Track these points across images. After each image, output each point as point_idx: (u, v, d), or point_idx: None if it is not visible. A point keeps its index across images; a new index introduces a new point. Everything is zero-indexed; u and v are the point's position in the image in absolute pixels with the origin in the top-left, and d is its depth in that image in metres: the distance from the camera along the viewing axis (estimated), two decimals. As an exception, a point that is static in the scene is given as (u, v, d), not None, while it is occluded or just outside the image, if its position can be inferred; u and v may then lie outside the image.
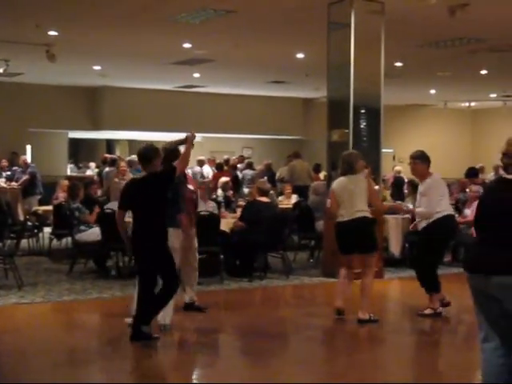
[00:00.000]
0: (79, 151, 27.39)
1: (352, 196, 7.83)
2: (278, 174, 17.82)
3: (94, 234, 10.44)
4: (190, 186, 7.93)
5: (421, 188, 8.15)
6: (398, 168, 18.40)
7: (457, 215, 12.25)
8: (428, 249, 8.11)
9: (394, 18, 11.22)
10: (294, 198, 14.61)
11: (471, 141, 28.20)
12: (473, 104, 25.95)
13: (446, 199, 8.22)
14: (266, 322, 7.91)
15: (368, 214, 7.87)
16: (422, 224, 8.06)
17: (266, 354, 6.71)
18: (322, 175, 17.00)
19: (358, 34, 10.68)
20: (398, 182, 16.89)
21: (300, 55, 15.80)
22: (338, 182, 8.05)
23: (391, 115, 23.40)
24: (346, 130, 10.78)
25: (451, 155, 25.78)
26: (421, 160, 8.20)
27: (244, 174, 18.74)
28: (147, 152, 6.99)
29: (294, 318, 8.33)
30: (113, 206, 11.17)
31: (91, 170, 21.82)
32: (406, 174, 17.35)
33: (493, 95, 23.69)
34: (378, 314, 8.20)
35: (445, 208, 8.11)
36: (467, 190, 13.06)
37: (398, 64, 16.42)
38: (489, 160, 21.72)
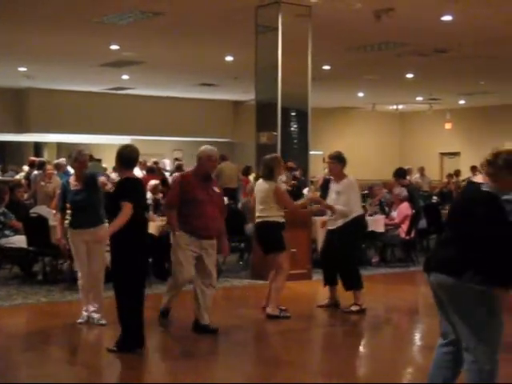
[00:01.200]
0: (5, 154, 26.80)
1: (260, 200, 8.15)
2: (207, 177, 17.75)
3: (21, 241, 10.19)
4: (216, 189, 7.54)
5: (339, 187, 8.43)
6: (327, 170, 18.51)
7: (383, 216, 12.51)
8: (348, 246, 8.41)
9: (321, 22, 11.34)
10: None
11: (399, 143, 28.68)
12: (400, 107, 26.42)
13: (359, 200, 8.85)
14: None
15: (269, 219, 8.08)
16: (338, 223, 8.35)
17: (195, 356, 6.69)
18: (251, 177, 17.03)
19: (285, 37, 10.76)
20: (327, 184, 17.03)
21: (229, 58, 15.82)
22: (257, 185, 8.39)
23: (320, 117, 23.63)
24: (275, 133, 10.85)
25: (380, 157, 26.23)
26: (337, 160, 8.52)
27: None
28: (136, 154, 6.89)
29: (223, 321, 8.31)
30: (39, 210, 10.98)
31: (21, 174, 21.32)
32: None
33: (419, 98, 24.17)
34: (306, 314, 8.30)
35: (359, 208, 8.66)
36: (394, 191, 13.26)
37: (326, 67, 16.60)
38: (416, 162, 22.16)
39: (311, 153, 11.84)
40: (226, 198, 14.49)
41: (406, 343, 7.51)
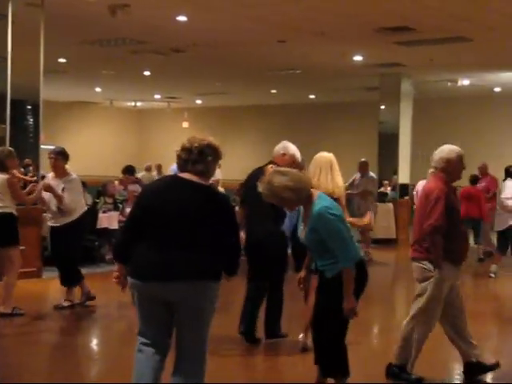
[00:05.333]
0: None
1: None
2: None
3: None
4: None
5: (65, 184, 8.40)
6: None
7: (118, 213, 12.49)
8: (74, 243, 8.48)
9: (56, 13, 11.05)
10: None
11: (138, 140, 28.80)
12: (139, 104, 26.55)
13: (82, 196, 8.85)
14: None
15: (5, 210, 7.89)
16: (63, 220, 8.38)
17: None
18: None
19: (16, 27, 10.35)
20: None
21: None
22: None
23: (57, 112, 23.13)
24: (3, 125, 10.44)
25: (118, 153, 26.11)
26: (62, 156, 8.53)
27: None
28: None
29: None
30: None
31: None
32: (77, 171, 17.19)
33: (157, 96, 24.42)
34: (40, 313, 8.34)
35: (83, 205, 8.83)
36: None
37: (62, 60, 16.22)
38: (155, 159, 22.35)
39: (46, 147, 11.51)
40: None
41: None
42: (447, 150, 5.75)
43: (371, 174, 14.54)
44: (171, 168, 11.17)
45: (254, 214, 6.80)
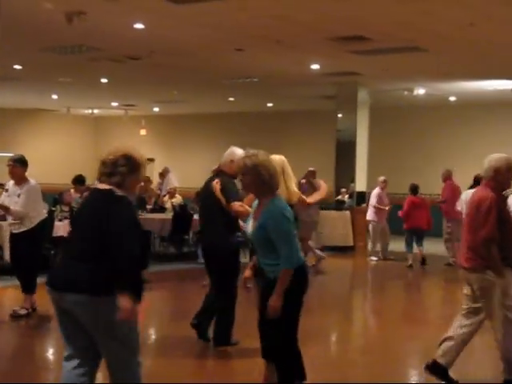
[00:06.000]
0: None
1: None
2: None
3: None
4: None
5: (21, 190, 8.34)
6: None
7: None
8: (30, 252, 8.37)
9: (11, 20, 10.93)
10: None
11: (94, 148, 28.48)
12: (96, 111, 26.32)
13: (42, 204, 8.87)
14: None
15: None
16: (23, 227, 8.32)
17: None
18: None
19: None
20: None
21: None
22: None
23: (13, 118, 22.85)
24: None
25: (75, 161, 25.85)
26: (20, 164, 8.44)
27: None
28: None
29: None
30: None
31: None
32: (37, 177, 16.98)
33: (115, 104, 24.26)
34: None
35: (43, 212, 8.80)
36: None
37: (17, 66, 16.03)
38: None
39: (1, 154, 11.38)
40: None
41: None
42: (496, 158, 5.65)
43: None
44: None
45: (207, 223, 6.89)
